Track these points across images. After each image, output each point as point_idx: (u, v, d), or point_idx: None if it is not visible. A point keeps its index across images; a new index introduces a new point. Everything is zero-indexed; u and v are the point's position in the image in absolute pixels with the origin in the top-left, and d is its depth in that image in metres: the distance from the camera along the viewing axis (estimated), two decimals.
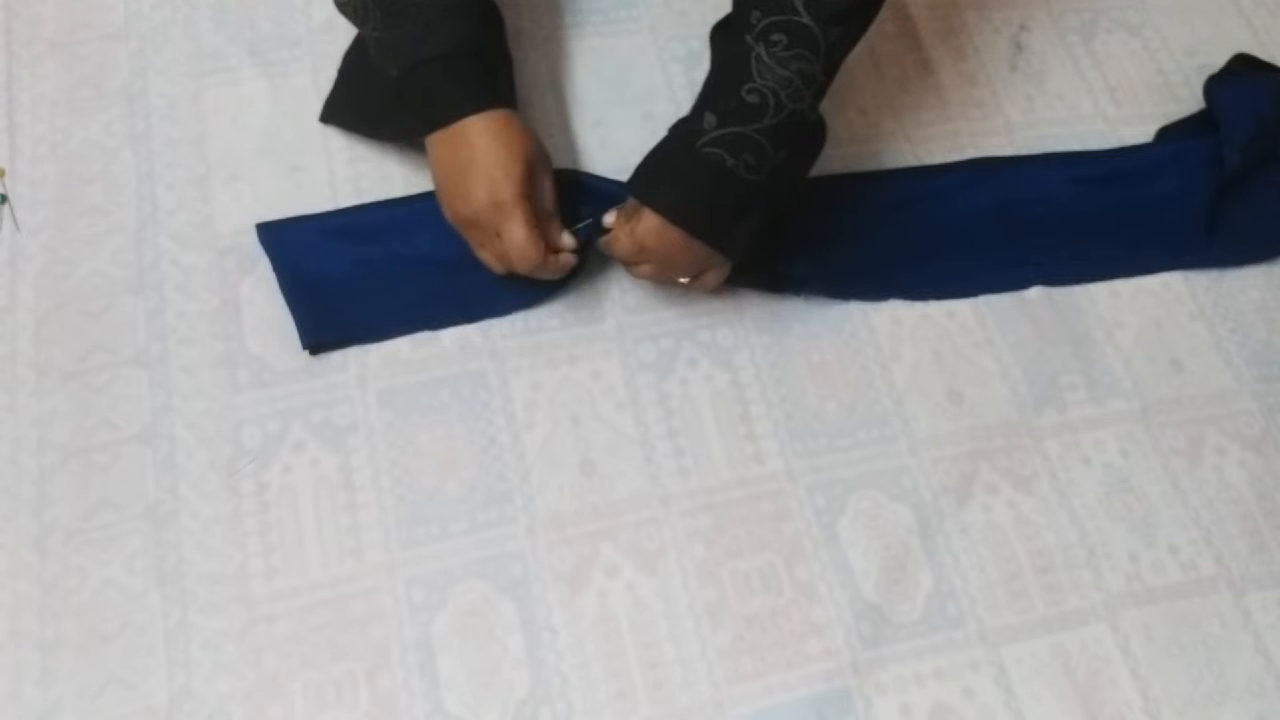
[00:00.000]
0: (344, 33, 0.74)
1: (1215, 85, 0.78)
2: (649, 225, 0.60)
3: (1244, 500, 0.67)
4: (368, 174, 0.70)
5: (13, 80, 0.71)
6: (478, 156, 0.60)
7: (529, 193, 0.60)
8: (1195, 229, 0.74)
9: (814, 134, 0.61)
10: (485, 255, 0.62)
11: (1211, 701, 0.61)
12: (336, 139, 0.71)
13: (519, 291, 0.66)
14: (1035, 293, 0.71)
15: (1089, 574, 0.63)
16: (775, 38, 0.56)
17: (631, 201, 0.62)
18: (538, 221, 0.61)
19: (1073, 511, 0.65)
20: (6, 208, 0.67)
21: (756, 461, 0.64)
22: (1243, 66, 0.79)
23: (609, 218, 0.64)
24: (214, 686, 0.56)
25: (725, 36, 0.60)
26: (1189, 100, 0.80)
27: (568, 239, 0.63)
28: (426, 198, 0.67)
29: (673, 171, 0.59)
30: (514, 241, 0.60)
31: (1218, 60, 0.80)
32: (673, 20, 0.78)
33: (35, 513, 0.59)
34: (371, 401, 0.64)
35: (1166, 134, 0.78)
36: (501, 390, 0.65)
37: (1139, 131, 0.78)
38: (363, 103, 0.69)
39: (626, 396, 0.65)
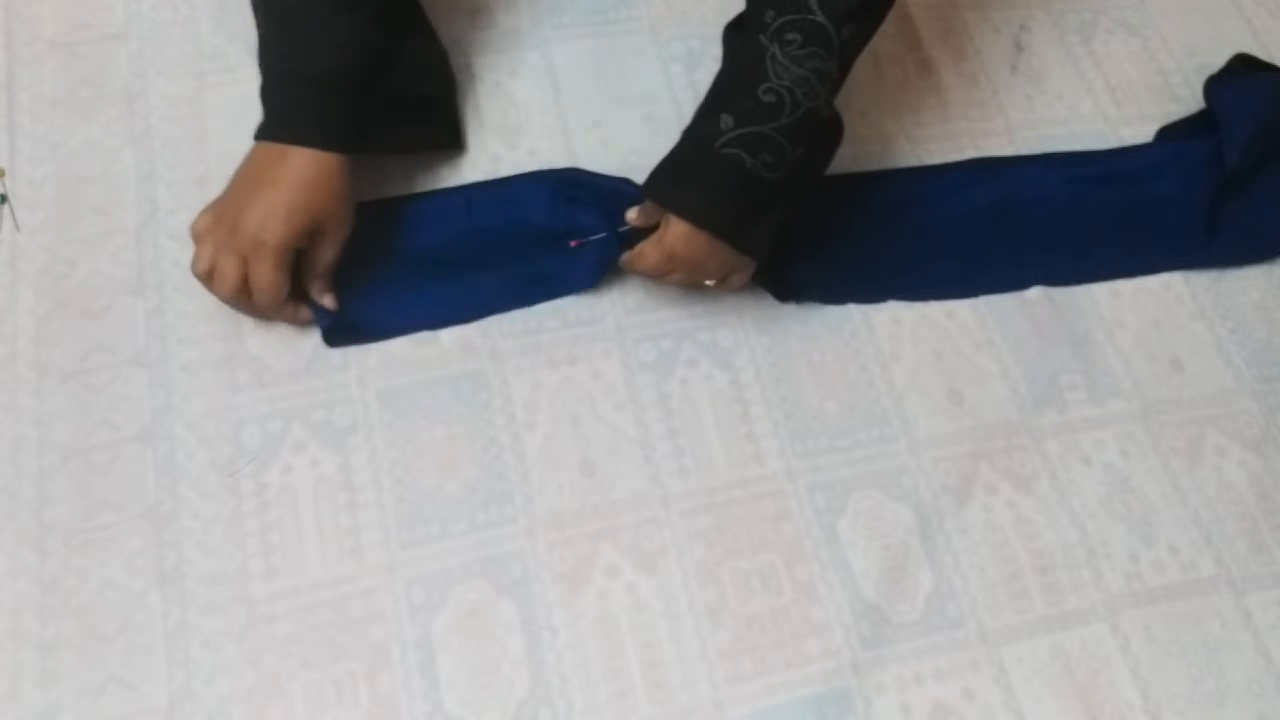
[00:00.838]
0: None
1: (1215, 85, 0.78)
2: (676, 231, 0.60)
3: (1244, 500, 0.67)
4: (368, 174, 0.70)
5: (13, 80, 0.71)
6: (279, 186, 0.58)
7: (297, 245, 0.60)
8: (1195, 229, 0.74)
9: (831, 130, 0.62)
10: (203, 266, 0.59)
11: (1211, 701, 0.61)
12: None
13: (525, 292, 0.67)
14: (1035, 293, 0.71)
15: (1089, 574, 0.63)
16: (790, 36, 0.56)
17: (651, 205, 0.62)
18: (286, 273, 0.60)
19: (1073, 511, 0.65)
20: (6, 208, 0.67)
21: (756, 461, 0.64)
22: (1243, 66, 0.79)
23: (631, 214, 0.65)
24: (214, 686, 0.56)
25: (739, 36, 0.60)
26: (1189, 100, 0.80)
27: (304, 313, 0.63)
28: (434, 195, 0.68)
29: (693, 174, 0.59)
30: (259, 283, 0.59)
31: (1218, 60, 0.80)
32: (673, 20, 0.78)
33: (35, 513, 0.59)
34: (371, 401, 0.64)
35: (1166, 134, 0.78)
36: (501, 390, 0.65)
37: (1139, 131, 0.79)
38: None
39: (626, 396, 0.65)
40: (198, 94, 0.72)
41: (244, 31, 0.74)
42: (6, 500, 0.59)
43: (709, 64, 0.77)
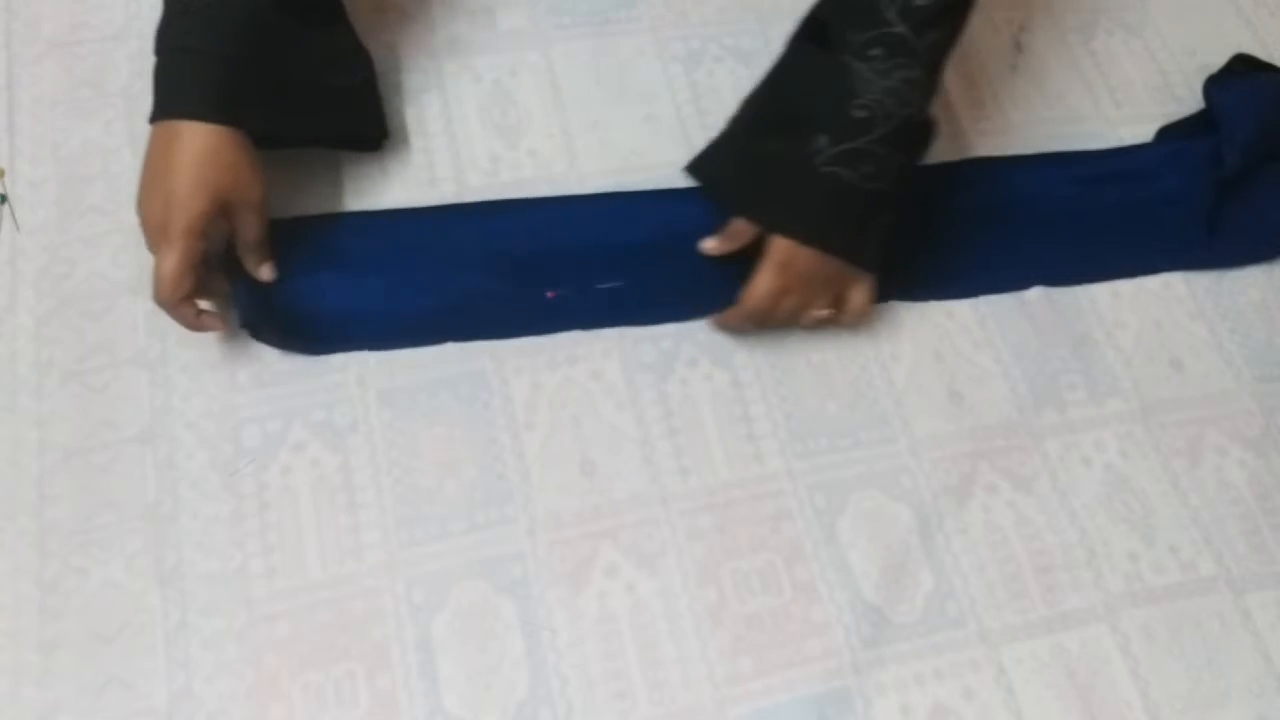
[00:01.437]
0: None
1: (1215, 85, 0.78)
2: (783, 253, 0.60)
3: (1244, 500, 0.67)
4: (368, 174, 0.70)
5: (13, 80, 0.71)
6: (173, 168, 0.56)
7: (203, 229, 0.57)
8: (1194, 229, 0.74)
9: (925, 132, 0.62)
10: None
11: (1211, 701, 0.61)
12: None
13: (528, 320, 0.66)
14: (1035, 293, 0.71)
15: (1089, 574, 0.63)
16: (873, 52, 0.57)
17: (734, 230, 0.63)
18: (196, 264, 0.57)
19: (1073, 511, 0.65)
20: (6, 208, 0.67)
21: (756, 461, 0.64)
22: (1243, 66, 0.79)
23: (710, 243, 0.65)
24: (214, 686, 0.56)
25: (816, 55, 0.60)
26: (1189, 100, 0.80)
27: (208, 320, 0.60)
28: (425, 213, 0.68)
29: (797, 195, 0.60)
30: (159, 272, 0.57)
31: (1218, 60, 0.80)
32: (673, 20, 0.78)
33: (35, 513, 0.59)
34: (371, 401, 0.64)
35: (1166, 134, 0.78)
36: (501, 390, 0.65)
37: (1139, 131, 0.78)
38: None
39: (626, 396, 0.65)
40: None
41: None
42: (6, 500, 0.59)
43: (709, 64, 0.77)
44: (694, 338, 0.68)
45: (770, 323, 0.64)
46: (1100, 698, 0.60)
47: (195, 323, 0.60)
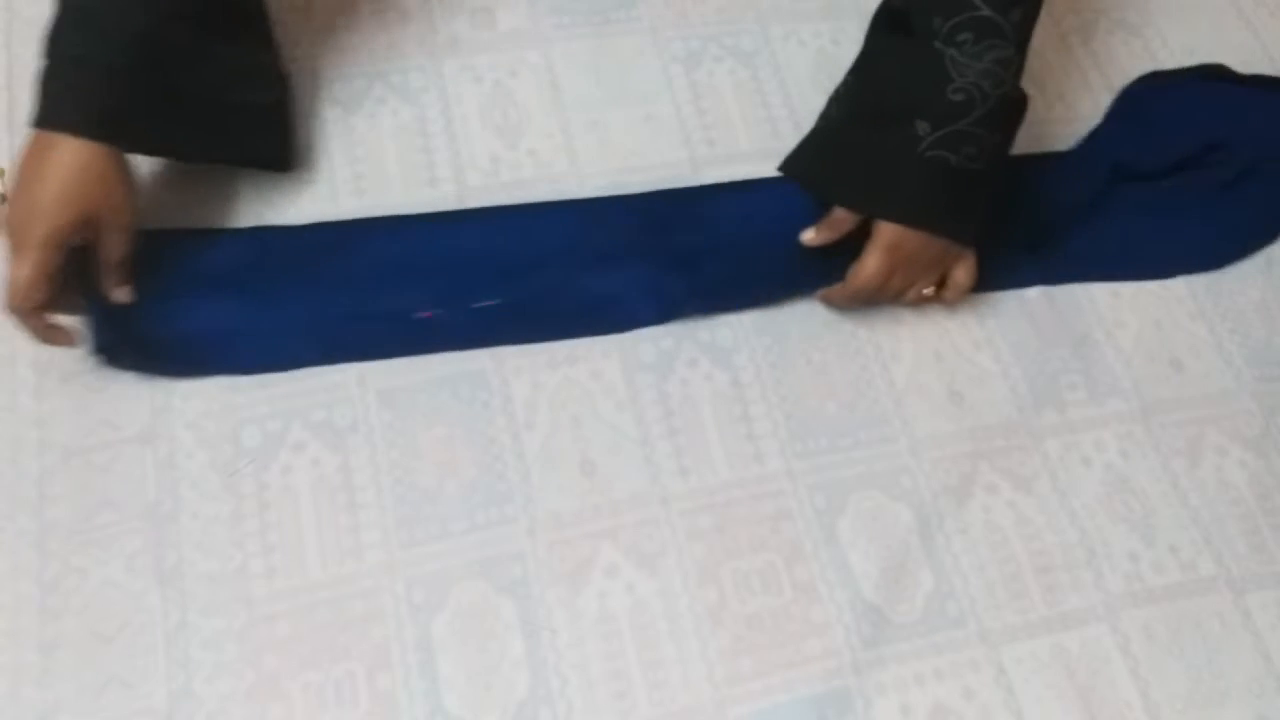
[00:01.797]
0: (345, 32, 0.74)
1: (1150, 96, 0.77)
2: (890, 236, 0.62)
3: (1244, 500, 0.67)
4: (368, 174, 0.70)
5: (13, 80, 0.71)
6: (42, 178, 0.55)
7: (63, 242, 0.56)
8: (1047, 242, 0.72)
9: (1020, 107, 0.63)
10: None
11: (1211, 701, 0.61)
12: (337, 139, 0.71)
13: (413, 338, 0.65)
14: (1035, 292, 0.71)
15: (1089, 574, 0.63)
16: (962, 37, 0.58)
17: (835, 219, 0.64)
18: (52, 276, 0.56)
19: (1073, 511, 0.65)
20: (6, 207, 0.67)
21: (756, 461, 0.64)
22: (1155, 80, 0.78)
23: (809, 234, 0.66)
24: (214, 686, 0.56)
25: (904, 45, 0.61)
26: None
27: (59, 335, 0.59)
28: (294, 230, 0.67)
29: (903, 180, 0.61)
30: (12, 279, 0.55)
31: (1218, 60, 0.80)
32: (673, 20, 0.78)
33: (35, 513, 0.59)
34: (371, 401, 0.64)
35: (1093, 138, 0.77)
36: (501, 390, 0.65)
37: None
38: None
39: (626, 396, 0.65)
40: None
41: None
42: (6, 500, 0.59)
43: (709, 64, 0.77)
44: (694, 337, 0.68)
45: (876, 301, 0.66)
46: (1100, 698, 0.60)
47: (45, 335, 0.58)
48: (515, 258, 0.67)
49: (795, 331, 0.68)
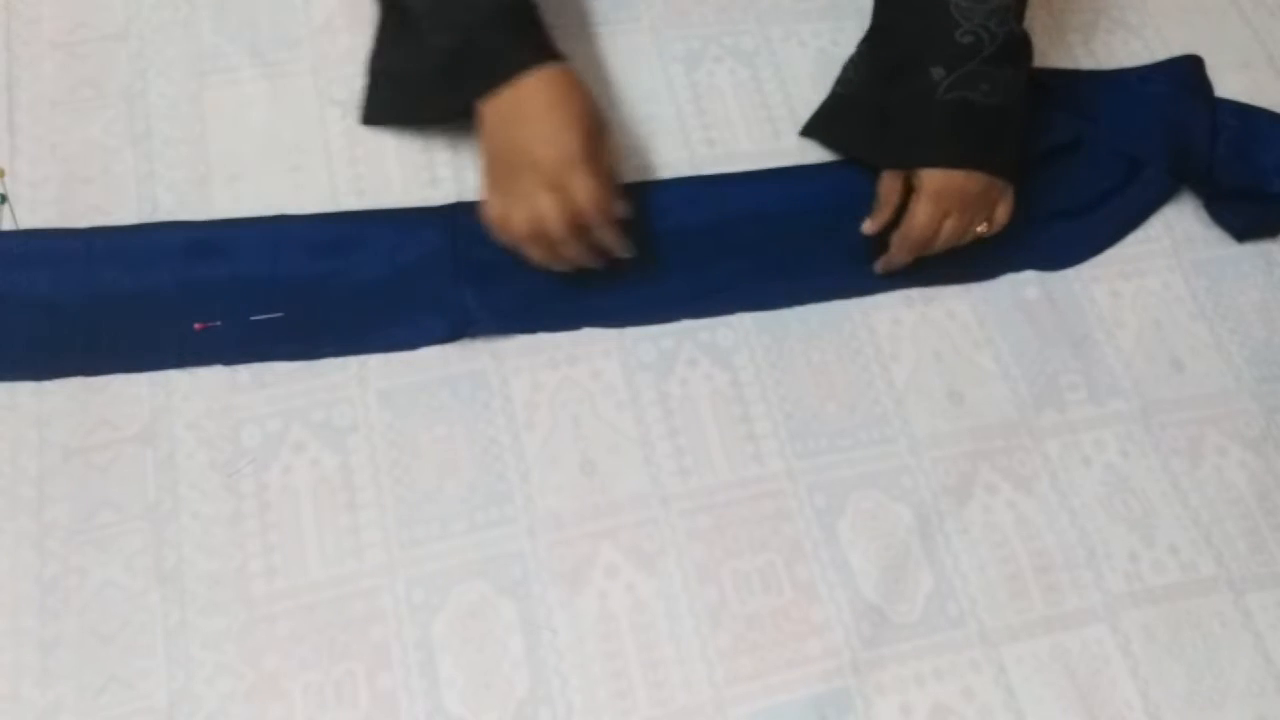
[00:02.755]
0: (344, 33, 0.74)
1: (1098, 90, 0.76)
2: (934, 183, 0.64)
3: (1244, 500, 0.67)
4: (368, 174, 0.70)
5: (13, 80, 0.71)
6: (544, 111, 0.59)
7: (595, 151, 0.61)
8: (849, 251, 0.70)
9: (1024, 43, 0.65)
10: (512, 212, 0.60)
11: (1211, 702, 0.61)
12: (337, 139, 0.71)
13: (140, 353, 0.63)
14: (1035, 292, 0.71)
15: (1089, 574, 0.63)
16: None
17: (886, 188, 0.66)
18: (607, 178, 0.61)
19: (1073, 511, 0.65)
20: (6, 208, 0.67)
21: (756, 461, 0.64)
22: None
23: (869, 225, 0.68)
24: (214, 686, 0.56)
25: (913, 2, 0.64)
26: None
27: (622, 206, 0.62)
28: (71, 234, 0.65)
29: (928, 126, 0.64)
30: (579, 196, 0.59)
31: (1218, 60, 0.80)
32: (673, 20, 0.78)
33: (35, 513, 0.59)
34: (371, 401, 0.64)
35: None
36: (501, 390, 0.65)
37: None
38: (402, 90, 0.69)
39: (626, 396, 0.65)
40: (198, 94, 0.71)
41: (244, 31, 0.74)
42: (6, 500, 0.59)
43: (709, 64, 0.77)
44: (694, 337, 0.68)
45: (933, 249, 0.67)
46: (1100, 698, 0.60)
47: (617, 241, 0.62)
48: (292, 272, 0.65)
49: (795, 331, 0.68)
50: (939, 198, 0.64)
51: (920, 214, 0.65)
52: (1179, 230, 0.75)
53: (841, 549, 0.63)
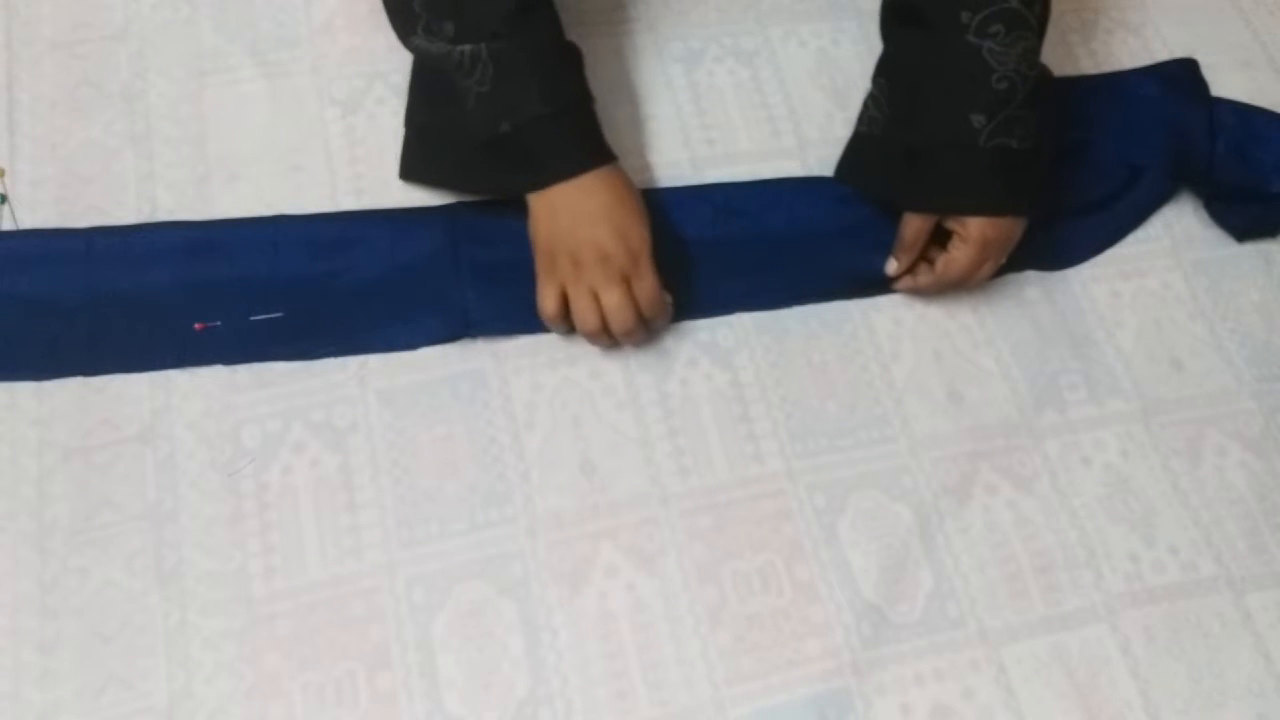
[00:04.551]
0: (344, 33, 0.74)
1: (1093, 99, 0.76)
2: (979, 232, 0.64)
3: (1244, 500, 0.67)
4: (367, 174, 0.70)
5: (13, 80, 0.71)
6: (613, 206, 0.61)
7: (654, 248, 0.63)
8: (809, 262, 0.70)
9: (1046, 81, 0.66)
10: (584, 304, 0.61)
11: (1211, 701, 0.61)
12: (337, 139, 0.71)
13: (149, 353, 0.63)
14: (1035, 292, 0.71)
15: (1089, 574, 0.63)
16: (994, 29, 0.61)
17: (913, 232, 0.66)
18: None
19: (1073, 511, 0.65)
20: (6, 208, 0.67)
21: (756, 461, 0.64)
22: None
23: (892, 266, 0.68)
24: (214, 686, 0.56)
25: (933, 40, 0.63)
26: None
27: (670, 298, 0.65)
28: (71, 234, 0.65)
29: (976, 176, 0.64)
30: (648, 292, 0.62)
31: (1218, 60, 0.80)
32: (673, 20, 0.78)
33: (35, 513, 0.59)
34: (371, 401, 0.64)
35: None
36: (501, 390, 0.65)
37: None
38: (440, 155, 0.67)
39: (626, 396, 0.65)
40: (198, 94, 0.72)
41: (244, 31, 0.74)
42: (6, 500, 0.59)
43: (709, 64, 0.77)
44: (694, 337, 0.68)
45: (963, 288, 0.68)
46: (1100, 698, 0.60)
47: (664, 327, 0.67)
48: (292, 271, 0.65)
49: (795, 331, 0.68)
50: (985, 245, 0.64)
51: (964, 259, 0.65)
52: (1179, 230, 0.75)
53: (841, 549, 0.63)
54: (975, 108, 0.62)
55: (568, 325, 0.64)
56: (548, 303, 0.62)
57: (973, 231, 0.64)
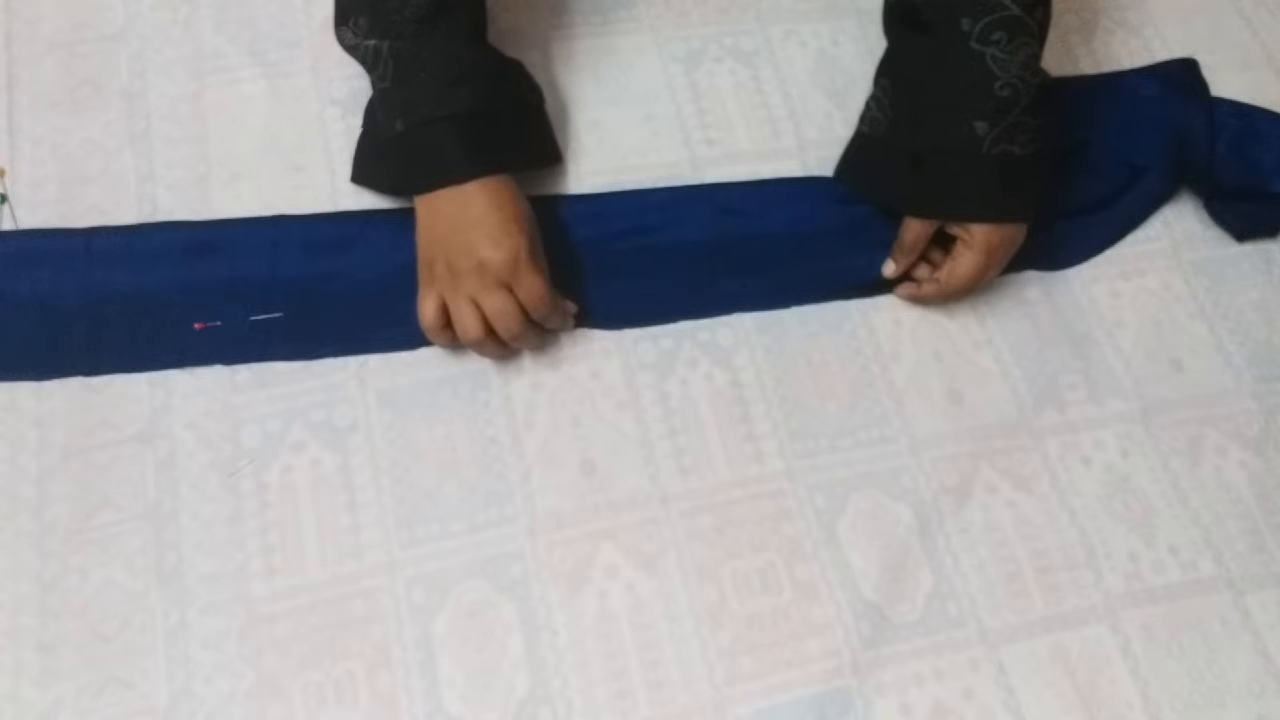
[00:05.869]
0: None
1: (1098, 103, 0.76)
2: (984, 239, 0.64)
3: (1244, 500, 0.67)
4: None
5: (13, 80, 0.71)
6: (488, 213, 0.60)
7: (537, 252, 0.62)
8: (796, 265, 0.70)
9: (1047, 89, 0.65)
10: (463, 312, 0.60)
11: (1211, 701, 0.61)
12: (337, 139, 0.71)
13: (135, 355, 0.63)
14: (1035, 292, 0.71)
15: (1089, 574, 0.63)
16: (996, 36, 0.61)
17: (913, 237, 0.66)
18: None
19: (1073, 511, 0.65)
20: (6, 208, 0.67)
21: (756, 461, 0.64)
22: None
23: (889, 268, 0.68)
24: (214, 686, 0.56)
25: (935, 45, 0.63)
26: None
27: (571, 305, 0.65)
28: (70, 234, 0.65)
29: (980, 183, 0.64)
30: (530, 295, 0.60)
31: (1218, 60, 0.80)
32: (673, 20, 0.78)
33: (35, 513, 0.59)
34: (371, 401, 0.64)
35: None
36: (501, 390, 0.65)
37: None
38: (365, 154, 0.68)
39: (626, 396, 0.65)
40: (198, 94, 0.72)
41: (244, 31, 0.74)
42: (6, 500, 0.59)
43: (709, 64, 0.77)
44: (694, 338, 0.68)
45: (965, 294, 0.68)
46: (1100, 698, 0.60)
47: (567, 320, 0.65)
48: (293, 272, 0.65)
49: (795, 331, 0.68)
50: (990, 251, 0.64)
51: (968, 266, 0.65)
52: (1179, 230, 0.75)
53: (841, 549, 0.63)
54: (978, 115, 0.62)
55: (449, 335, 0.62)
56: (426, 312, 0.61)
57: (977, 237, 0.64)
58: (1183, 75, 0.79)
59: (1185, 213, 0.76)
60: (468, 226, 0.60)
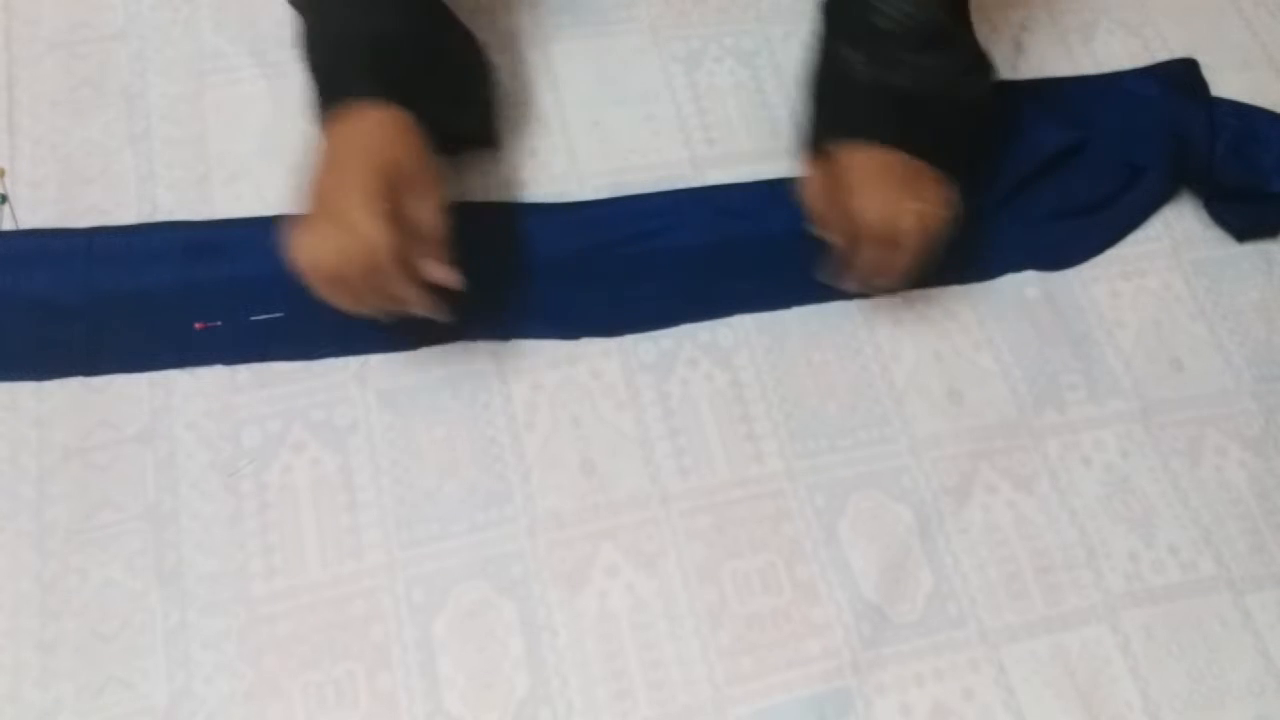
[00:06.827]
0: None
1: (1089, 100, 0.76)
2: (859, 166, 0.61)
3: (1244, 500, 0.67)
4: None
5: (13, 80, 0.71)
6: (349, 144, 0.56)
7: (387, 194, 0.54)
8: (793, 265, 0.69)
9: (950, 34, 0.64)
10: (326, 253, 0.54)
11: (1211, 701, 0.61)
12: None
13: (131, 355, 0.63)
14: (1035, 292, 0.71)
15: (1089, 574, 0.63)
16: None
17: (815, 175, 0.64)
18: (389, 224, 0.53)
19: (1073, 511, 0.65)
20: (6, 208, 0.67)
21: (756, 461, 0.64)
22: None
23: (813, 229, 0.65)
24: (214, 686, 0.56)
25: None
26: None
27: (445, 273, 0.57)
28: (70, 234, 0.65)
29: (847, 104, 0.63)
30: (360, 229, 0.52)
31: (1218, 60, 0.80)
32: (673, 20, 0.78)
33: (35, 513, 0.59)
34: (371, 401, 0.64)
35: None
36: (501, 390, 0.65)
37: None
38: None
39: (626, 396, 0.65)
40: (198, 94, 0.72)
41: (244, 31, 0.74)
42: (6, 500, 0.59)
43: (709, 64, 0.77)
44: (694, 337, 0.68)
45: (902, 239, 0.61)
46: (1100, 698, 0.60)
47: (417, 296, 0.57)
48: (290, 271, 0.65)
49: (795, 331, 0.68)
50: (868, 179, 0.60)
51: (866, 201, 0.60)
52: (1179, 230, 0.75)
53: (841, 549, 0.63)
54: (849, 42, 0.63)
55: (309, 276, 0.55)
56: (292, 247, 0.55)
57: (853, 169, 0.61)
58: (1183, 75, 0.79)
59: (1185, 213, 0.76)
60: (330, 156, 0.56)
